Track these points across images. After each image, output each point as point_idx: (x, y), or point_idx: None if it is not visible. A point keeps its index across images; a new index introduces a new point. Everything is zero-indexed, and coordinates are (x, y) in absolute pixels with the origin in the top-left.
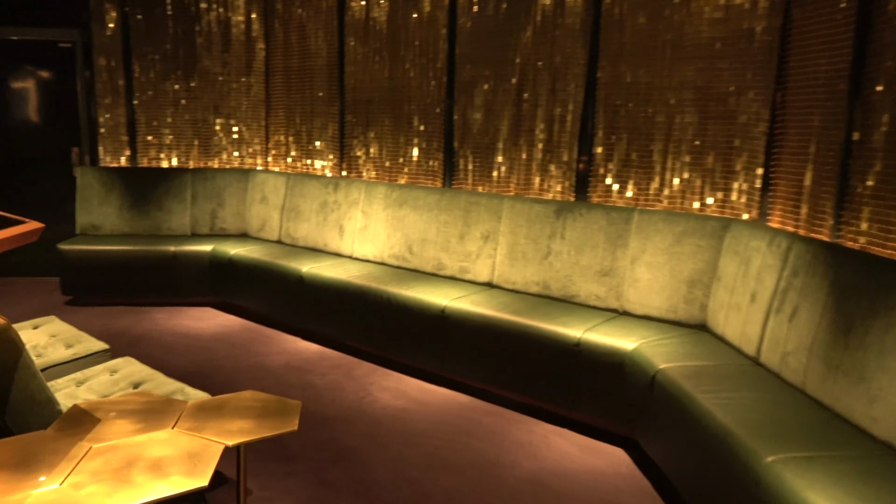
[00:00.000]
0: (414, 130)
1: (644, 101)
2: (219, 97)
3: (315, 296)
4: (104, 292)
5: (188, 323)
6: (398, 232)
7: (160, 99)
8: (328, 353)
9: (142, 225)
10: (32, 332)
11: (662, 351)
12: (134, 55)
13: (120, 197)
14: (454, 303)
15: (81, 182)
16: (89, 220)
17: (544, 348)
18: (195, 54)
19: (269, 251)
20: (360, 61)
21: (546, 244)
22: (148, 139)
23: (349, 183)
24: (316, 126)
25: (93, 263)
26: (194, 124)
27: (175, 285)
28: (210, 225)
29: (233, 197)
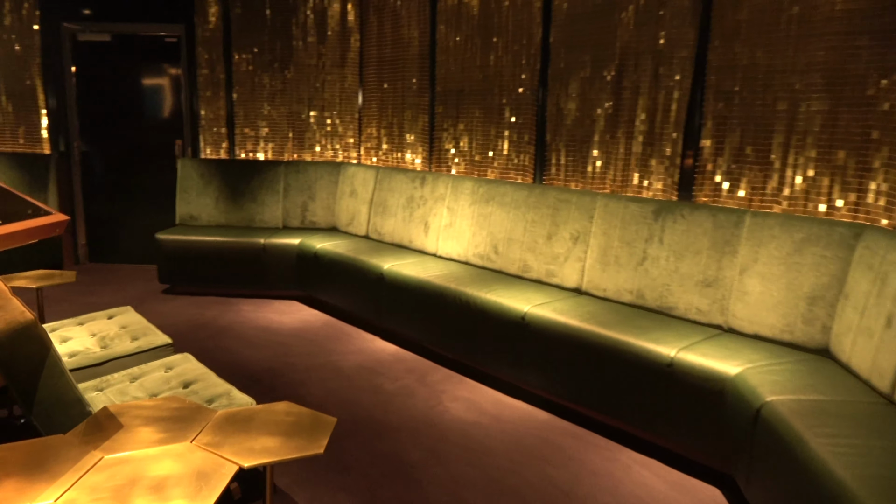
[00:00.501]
0: (505, 122)
1: (762, 86)
2: (313, 89)
3: (394, 295)
4: (197, 282)
5: (272, 316)
6: (483, 230)
7: (257, 91)
8: (404, 355)
9: (236, 216)
10: (105, 323)
11: (772, 379)
12: (233, 48)
13: (217, 188)
14: (536, 309)
15: (181, 173)
16: (188, 210)
17: (633, 366)
18: (291, 46)
19: (353, 246)
20: (451, 49)
21: (642, 248)
22: (245, 131)
23: (436, 177)
24: (407, 118)
25: (187, 253)
26: (289, 116)
27: (263, 278)
28: (301, 218)
29: (323, 190)
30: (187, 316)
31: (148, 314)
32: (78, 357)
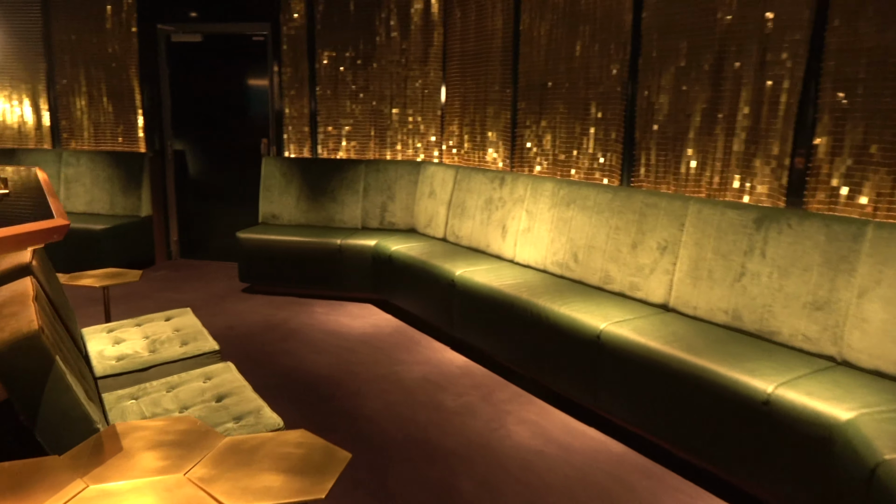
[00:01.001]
0: (590, 118)
1: (893, 73)
2: (396, 86)
3: (466, 303)
4: (275, 281)
5: (343, 320)
6: (563, 236)
7: (340, 89)
8: (473, 368)
9: (316, 216)
10: (161, 325)
11: (894, 430)
12: (317, 46)
13: (298, 188)
14: (614, 327)
15: (265, 172)
16: (270, 209)
17: (722, 400)
18: (374, 43)
19: (428, 250)
20: (534, 40)
21: (740, 262)
22: (328, 130)
23: (515, 178)
24: (489, 114)
25: (266, 253)
26: (371, 114)
27: (339, 279)
28: (380, 218)
29: (403, 190)
30: (261, 316)
31: (224, 313)
32: (125, 361)
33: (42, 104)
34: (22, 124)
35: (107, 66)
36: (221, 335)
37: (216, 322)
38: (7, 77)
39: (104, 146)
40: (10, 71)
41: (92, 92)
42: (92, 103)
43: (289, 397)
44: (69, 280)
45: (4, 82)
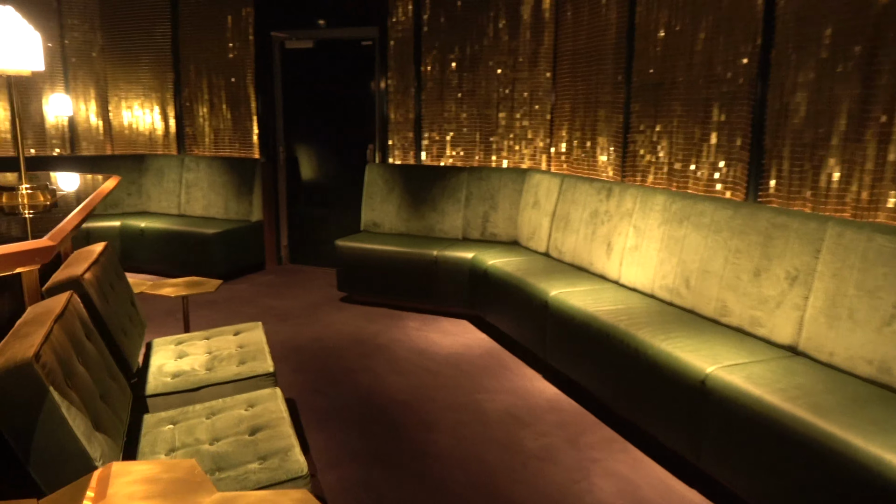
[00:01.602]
0: (712, 122)
1: None
2: (503, 90)
3: (559, 327)
4: (372, 291)
5: (434, 337)
6: (674, 257)
7: (446, 93)
8: (562, 401)
9: (416, 225)
10: (228, 339)
11: None
12: (423, 49)
13: (399, 195)
14: (723, 372)
15: (368, 179)
16: (371, 217)
17: (857, 482)
18: (482, 44)
19: (527, 266)
20: (650, 34)
21: (892, 301)
22: (432, 135)
23: (624, 189)
24: (600, 118)
25: (362, 262)
26: (477, 119)
27: (435, 292)
28: (481, 229)
29: (506, 199)
30: (352, 328)
31: (316, 323)
32: (179, 379)
33: (169, 112)
34: (152, 131)
35: (226, 74)
36: (307, 348)
37: (305, 333)
38: (141, 87)
39: (223, 152)
40: (145, 81)
41: (213, 99)
42: (213, 110)
43: (357, 423)
44: (151, 289)
45: (139, 92)
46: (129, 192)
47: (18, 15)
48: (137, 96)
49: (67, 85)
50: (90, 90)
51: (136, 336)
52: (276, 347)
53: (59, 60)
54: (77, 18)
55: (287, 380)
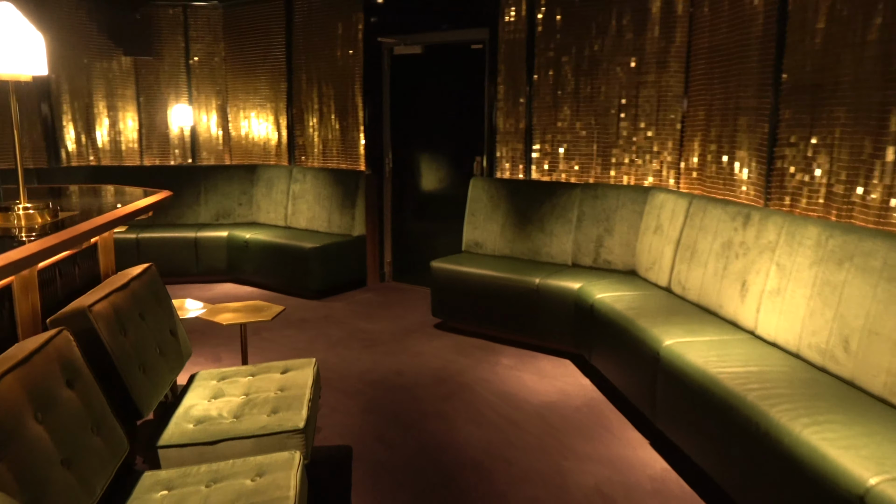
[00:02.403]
0: (888, 133)
1: None
2: (626, 95)
3: (671, 385)
4: (468, 319)
5: (527, 379)
6: (829, 308)
7: (561, 100)
8: (670, 482)
9: (521, 247)
10: (273, 378)
11: None
12: (536, 51)
13: (504, 213)
14: (894, 487)
15: (471, 194)
16: (473, 236)
17: None
18: (602, 45)
19: (641, 302)
20: (807, 22)
21: None
22: (544, 147)
23: (766, 216)
24: (740, 127)
25: (458, 286)
26: (595, 129)
27: (536, 325)
28: (594, 255)
29: (623, 222)
30: (439, 362)
31: (402, 353)
32: (200, 428)
33: (282, 121)
34: (266, 141)
35: (335, 83)
36: (384, 382)
37: (387, 364)
38: (258, 97)
39: (330, 163)
40: (261, 91)
41: (322, 109)
42: (322, 120)
43: (413, 488)
44: (208, 315)
45: (255, 102)
46: (241, 202)
47: (19, 14)
48: (254, 106)
49: (191, 96)
50: (212, 101)
51: (166, 371)
52: (352, 379)
53: (183, 72)
54: (202, 30)
55: (352, 420)
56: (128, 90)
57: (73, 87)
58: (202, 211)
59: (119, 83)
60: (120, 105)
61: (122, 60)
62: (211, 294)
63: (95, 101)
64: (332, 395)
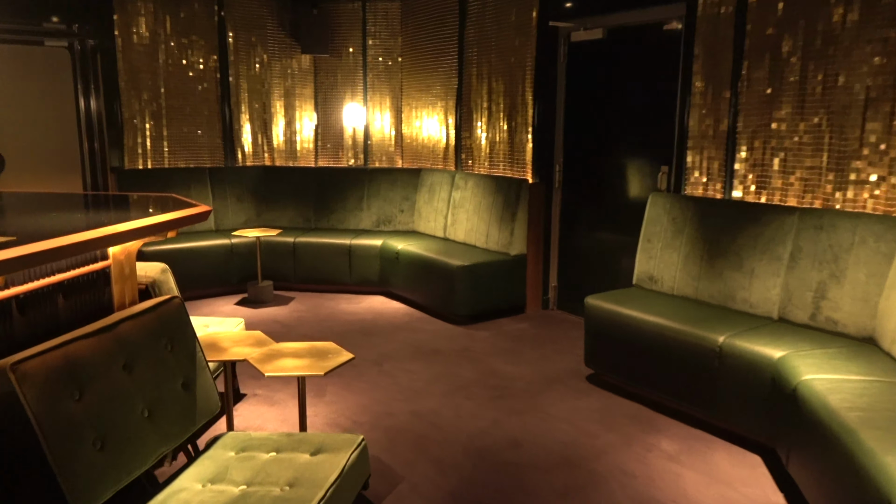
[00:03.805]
0: None
1: None
2: (878, 86)
3: None
4: (626, 376)
5: (691, 480)
6: None
7: (778, 95)
8: None
9: (709, 287)
10: (294, 461)
11: None
12: (747, 31)
13: (689, 241)
14: None
15: (649, 214)
16: (647, 267)
17: None
18: (844, 16)
19: (875, 399)
20: None
21: None
22: (753, 156)
23: None
24: None
25: (618, 332)
26: (826, 134)
27: (714, 399)
28: (811, 308)
29: (861, 266)
30: (572, 435)
31: (534, 413)
32: None
33: (451, 122)
34: (435, 143)
35: (505, 79)
36: (493, 455)
37: (507, 427)
38: (430, 95)
39: (496, 169)
40: (433, 89)
41: (491, 108)
42: (490, 121)
43: None
44: (257, 360)
45: (427, 101)
46: (402, 208)
47: None
48: (425, 105)
49: (366, 95)
50: (386, 99)
51: (154, 441)
52: (457, 445)
53: (360, 69)
54: (380, 25)
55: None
56: (306, 89)
57: (251, 87)
58: (364, 217)
59: (298, 82)
60: (297, 104)
61: (301, 59)
62: (357, 308)
63: (273, 100)
64: (422, 464)
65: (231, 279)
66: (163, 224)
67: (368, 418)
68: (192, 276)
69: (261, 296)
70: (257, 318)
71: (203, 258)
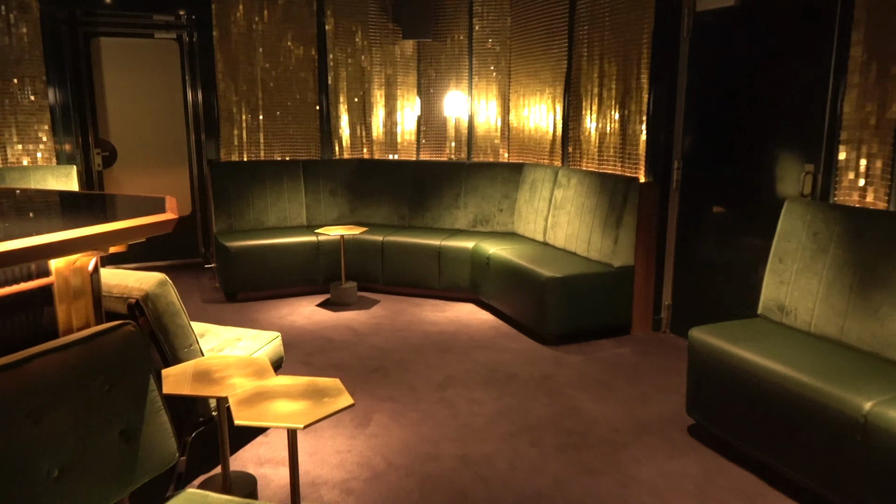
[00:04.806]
0: None
1: None
2: None
3: None
4: (737, 433)
5: None
6: None
7: None
8: None
9: (862, 329)
10: None
11: None
12: None
13: (835, 265)
14: None
15: (782, 226)
16: (776, 294)
17: None
18: None
19: None
20: None
21: None
22: None
23: None
24: None
25: (727, 376)
26: None
27: (856, 484)
28: None
29: None
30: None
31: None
32: None
33: (558, 110)
34: (542, 135)
35: (619, 60)
36: None
37: (571, 492)
38: (538, 81)
39: (606, 165)
40: (542, 73)
41: (602, 94)
42: (600, 109)
43: None
44: (240, 401)
45: (535, 87)
46: (502, 207)
47: None
48: (533, 93)
49: (471, 82)
50: (492, 87)
51: None
52: None
53: (465, 55)
54: (488, 5)
55: None
56: (408, 77)
57: (350, 75)
58: (460, 215)
59: (399, 69)
60: (399, 93)
61: (403, 45)
62: (441, 317)
63: (373, 88)
64: None
65: (317, 278)
66: (103, 236)
67: (407, 461)
68: (278, 273)
69: (343, 298)
70: (332, 323)
71: (290, 255)
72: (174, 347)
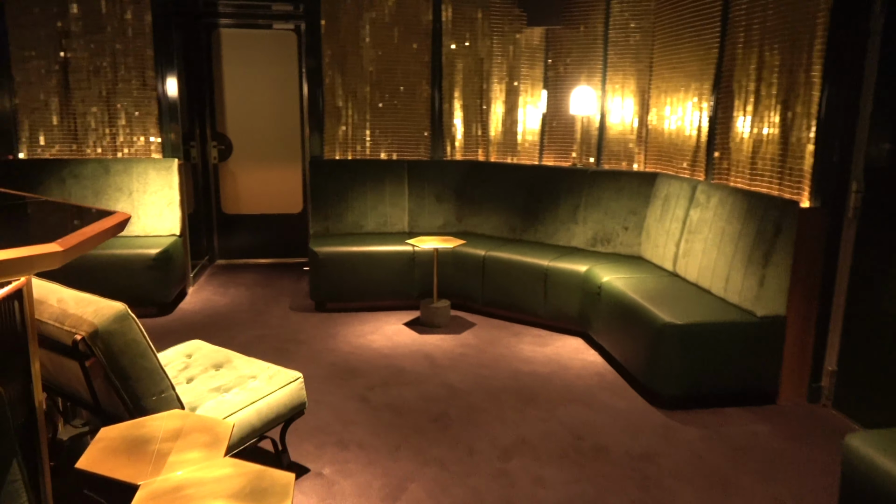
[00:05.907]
0: None
1: None
2: None
3: None
4: None
5: None
6: None
7: None
8: None
9: None
10: None
11: None
12: None
13: None
14: None
15: None
16: None
17: None
18: None
19: None
20: None
21: None
22: None
23: None
24: None
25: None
26: None
27: None
28: None
29: None
30: None
31: None
32: None
33: (705, 110)
34: (684, 140)
35: (783, 46)
36: None
37: None
38: (682, 74)
39: (759, 181)
40: (687, 65)
41: (759, 91)
42: (756, 110)
43: None
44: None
45: (679, 82)
46: (627, 225)
47: None
48: (676, 89)
49: (605, 76)
50: (630, 81)
51: None
52: None
53: (600, 44)
54: None
55: None
56: (534, 70)
57: (467, 67)
58: (578, 231)
59: (524, 61)
60: (522, 88)
61: (528, 34)
62: (539, 353)
63: (492, 83)
64: None
65: (411, 292)
66: None
67: None
68: (369, 284)
69: (433, 318)
70: (412, 348)
71: (382, 265)
72: (137, 396)
